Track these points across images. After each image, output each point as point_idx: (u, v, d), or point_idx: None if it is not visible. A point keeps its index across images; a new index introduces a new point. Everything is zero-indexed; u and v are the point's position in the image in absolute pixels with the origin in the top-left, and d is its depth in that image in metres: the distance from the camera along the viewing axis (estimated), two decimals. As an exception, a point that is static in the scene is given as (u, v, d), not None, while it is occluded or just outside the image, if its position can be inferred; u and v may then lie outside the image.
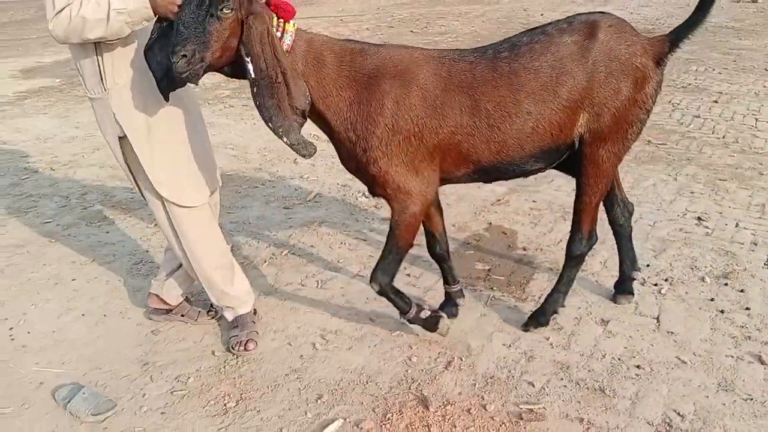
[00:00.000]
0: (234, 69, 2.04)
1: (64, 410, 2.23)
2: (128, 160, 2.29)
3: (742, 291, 2.74)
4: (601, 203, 2.46)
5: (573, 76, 2.12)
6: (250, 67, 1.94)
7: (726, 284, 2.79)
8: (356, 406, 2.20)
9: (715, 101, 5.28)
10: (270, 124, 1.99)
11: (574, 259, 2.45)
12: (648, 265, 2.95)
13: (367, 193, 3.89)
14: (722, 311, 2.61)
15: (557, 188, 3.82)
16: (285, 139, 2.01)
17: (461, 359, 2.40)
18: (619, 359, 2.35)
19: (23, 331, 2.72)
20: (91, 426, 2.17)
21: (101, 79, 2.14)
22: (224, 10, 1.89)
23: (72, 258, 3.27)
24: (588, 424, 2.06)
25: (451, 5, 11.25)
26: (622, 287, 2.70)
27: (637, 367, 2.30)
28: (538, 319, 2.51)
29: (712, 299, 2.69)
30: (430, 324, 2.42)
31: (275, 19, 2.03)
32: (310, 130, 2.30)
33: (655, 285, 2.81)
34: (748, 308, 2.62)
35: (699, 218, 3.39)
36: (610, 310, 2.64)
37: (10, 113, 5.87)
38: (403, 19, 9.99)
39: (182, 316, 2.70)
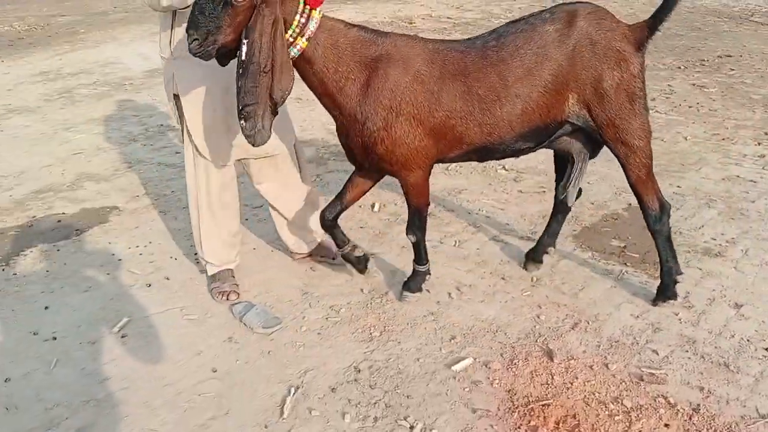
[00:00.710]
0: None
1: (240, 322, 2.66)
2: (179, 114, 2.68)
3: None
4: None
5: (556, 61, 2.28)
6: (243, 48, 2.08)
7: None
8: (485, 350, 2.43)
9: None
10: (240, 105, 2.13)
11: (657, 233, 2.55)
12: (795, 258, 2.91)
13: (507, 166, 4.09)
14: None
15: (704, 176, 3.78)
16: (242, 122, 2.15)
17: (588, 323, 2.55)
18: (748, 341, 2.40)
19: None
20: (261, 336, 2.58)
21: (170, 46, 2.56)
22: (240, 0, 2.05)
23: (245, 202, 3.76)
24: (708, 393, 2.15)
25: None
26: (534, 255, 2.89)
27: (766, 350, 2.34)
28: (665, 293, 2.60)
29: None
30: (418, 285, 2.73)
31: (301, 5, 2.17)
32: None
33: (800, 278, 2.77)
34: None
35: None
36: (744, 296, 2.66)
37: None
38: None
39: (321, 257, 3.10)
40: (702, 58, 6.38)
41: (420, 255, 2.71)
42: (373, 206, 3.66)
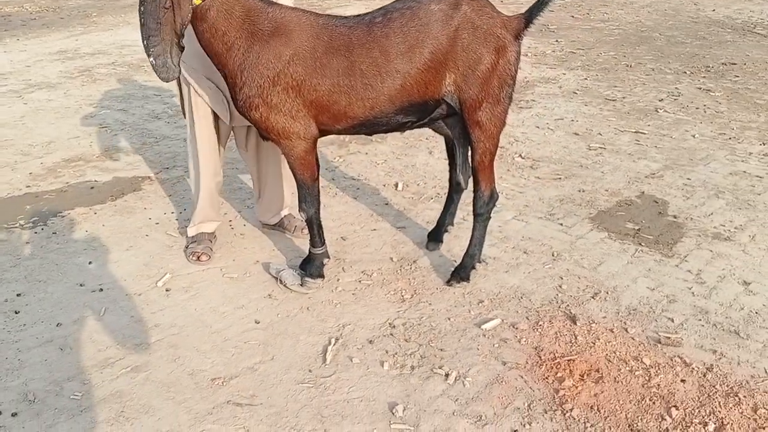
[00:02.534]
0: None
1: (276, 279, 2.81)
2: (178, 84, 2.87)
3: None
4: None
5: (437, 39, 2.39)
6: None
7: None
8: (512, 312, 2.60)
9: None
10: (146, 41, 2.24)
11: (479, 217, 2.73)
12: (797, 244, 3.09)
13: (523, 154, 4.26)
14: None
15: (713, 170, 3.96)
16: (152, 59, 2.29)
17: (607, 293, 2.72)
18: (756, 313, 2.57)
19: (240, 224, 3.38)
20: (298, 294, 2.73)
21: None
22: None
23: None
24: (720, 355, 2.33)
25: (616, -6, 11.11)
26: (435, 236, 3.09)
27: (774, 321, 2.52)
28: (460, 274, 2.78)
29: None
30: (318, 270, 2.77)
31: None
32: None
33: (803, 261, 2.96)
34: None
35: None
36: (752, 275, 2.84)
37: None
38: (565, 4, 10.06)
39: (283, 229, 3.27)
40: (707, 65, 6.58)
41: (314, 236, 2.74)
42: (396, 186, 3.82)
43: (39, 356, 2.38)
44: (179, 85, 2.90)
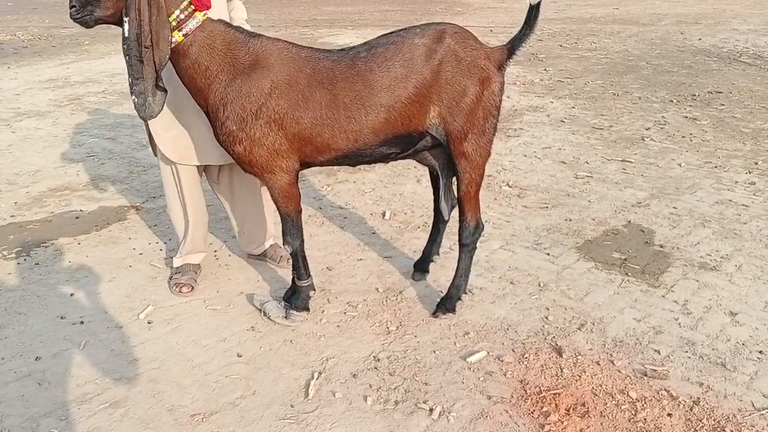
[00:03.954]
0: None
1: (260, 311, 2.78)
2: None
3: None
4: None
5: (421, 74, 2.39)
6: (125, 26, 2.22)
7: None
8: (498, 345, 2.57)
9: None
10: (130, 79, 2.29)
11: (465, 247, 2.72)
12: (784, 274, 3.09)
13: (510, 183, 4.26)
14: None
15: (699, 199, 3.97)
16: (133, 97, 2.31)
17: (593, 324, 2.70)
18: (743, 344, 2.56)
19: (225, 255, 3.35)
20: (282, 327, 2.70)
21: None
22: None
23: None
24: (707, 388, 2.30)
25: (603, 23, 11.28)
26: (421, 266, 3.09)
27: (760, 352, 2.50)
28: (446, 305, 2.76)
29: None
30: (303, 302, 2.74)
31: (185, 2, 2.28)
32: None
33: (789, 291, 2.95)
34: None
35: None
36: (739, 305, 2.82)
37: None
38: (554, 34, 10.19)
39: (269, 260, 3.25)
40: (693, 93, 6.65)
41: (299, 268, 2.72)
42: (384, 214, 3.81)
43: (16, 391, 2.34)
44: (146, 123, 2.84)
